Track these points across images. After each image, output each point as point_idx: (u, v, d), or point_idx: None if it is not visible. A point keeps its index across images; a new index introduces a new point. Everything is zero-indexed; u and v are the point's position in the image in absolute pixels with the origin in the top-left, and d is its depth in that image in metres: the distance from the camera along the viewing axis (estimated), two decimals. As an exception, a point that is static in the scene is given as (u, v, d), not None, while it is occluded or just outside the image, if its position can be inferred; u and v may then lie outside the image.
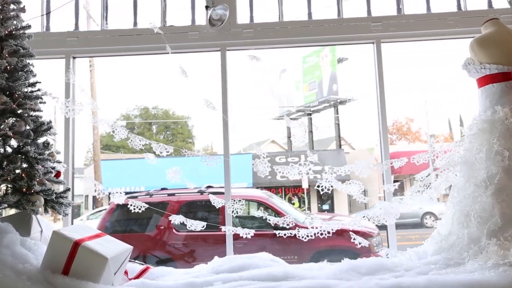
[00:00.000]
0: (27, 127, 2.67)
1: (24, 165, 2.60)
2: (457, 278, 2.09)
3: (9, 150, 2.65)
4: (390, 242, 3.20)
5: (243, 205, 3.13)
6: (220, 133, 3.33)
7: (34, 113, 2.75)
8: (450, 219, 2.67)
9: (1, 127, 2.58)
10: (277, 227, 3.20)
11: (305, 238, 3.01)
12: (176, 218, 3.13)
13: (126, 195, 3.20)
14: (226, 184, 3.31)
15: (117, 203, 3.94)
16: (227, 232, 3.18)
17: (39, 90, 2.82)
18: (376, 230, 5.50)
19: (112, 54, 3.69)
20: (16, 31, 2.75)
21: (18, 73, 2.68)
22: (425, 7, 3.49)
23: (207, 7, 3.38)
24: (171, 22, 3.54)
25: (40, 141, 2.76)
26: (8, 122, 2.60)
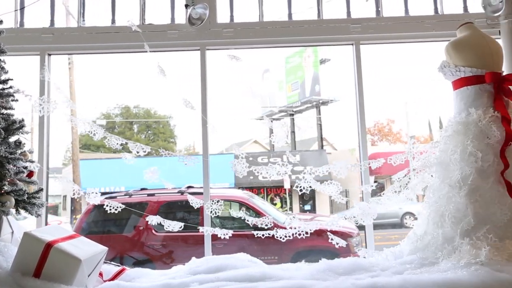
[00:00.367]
0: (-2, 125, 2.59)
1: (-6, 165, 2.52)
2: (431, 278, 2.12)
3: (-22, 149, 2.56)
4: (368, 242, 3.23)
5: (222, 206, 3.11)
6: (202, 133, 3.30)
7: (6, 111, 2.67)
8: (426, 219, 2.71)
9: (-30, 125, 2.50)
10: (257, 228, 3.19)
11: (283, 239, 3.01)
12: (153, 219, 3.09)
13: (104, 196, 3.14)
14: (205, 185, 3.29)
15: (94, 204, 3.86)
16: (205, 233, 3.16)
17: (11, 88, 2.74)
18: (356, 230, 5.56)
19: (89, 52, 3.62)
20: (-14, 27, 2.67)
21: (-12, 70, 2.60)
22: (404, 10, 3.54)
23: (187, 6, 3.34)
24: (150, 20, 3.49)
25: (12, 140, 2.68)
26: (-23, 120, 2.52)
